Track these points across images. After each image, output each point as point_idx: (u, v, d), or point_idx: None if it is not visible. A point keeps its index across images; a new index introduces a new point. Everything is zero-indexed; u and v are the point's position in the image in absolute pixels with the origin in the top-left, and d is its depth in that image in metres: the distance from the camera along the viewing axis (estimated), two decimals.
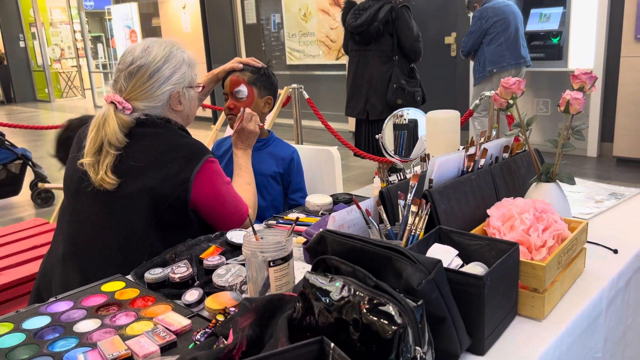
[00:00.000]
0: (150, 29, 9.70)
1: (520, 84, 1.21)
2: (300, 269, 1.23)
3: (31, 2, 11.95)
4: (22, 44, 12.54)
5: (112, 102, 1.41)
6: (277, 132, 1.96)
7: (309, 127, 5.79)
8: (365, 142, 4.26)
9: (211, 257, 1.26)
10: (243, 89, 1.77)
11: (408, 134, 2.01)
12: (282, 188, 1.93)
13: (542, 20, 5.37)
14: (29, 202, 4.75)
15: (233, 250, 1.37)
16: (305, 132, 4.32)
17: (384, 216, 1.09)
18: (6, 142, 4.40)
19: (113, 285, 1.16)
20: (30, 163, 4.56)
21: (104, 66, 11.99)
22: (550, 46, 5.23)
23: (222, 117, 4.02)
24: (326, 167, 2.15)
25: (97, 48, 12.07)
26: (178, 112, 1.50)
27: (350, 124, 6.31)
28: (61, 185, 1.54)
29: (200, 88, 1.58)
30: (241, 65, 1.79)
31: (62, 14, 12.79)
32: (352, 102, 4.23)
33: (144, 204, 1.37)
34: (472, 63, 4.85)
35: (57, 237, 1.49)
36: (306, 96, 3.90)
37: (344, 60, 6.39)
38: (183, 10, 7.87)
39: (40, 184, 4.57)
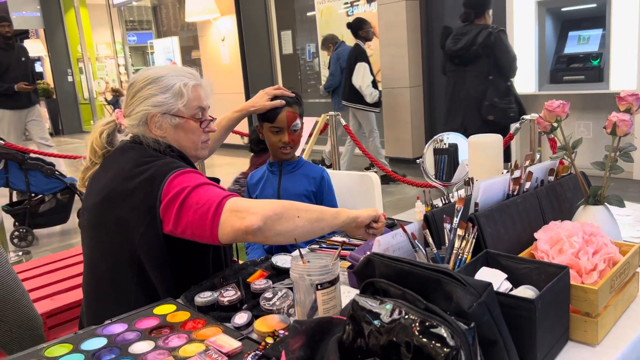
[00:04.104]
0: (190, 61, 10.03)
1: (565, 107, 1.20)
2: (345, 292, 1.24)
3: (79, 39, 12.55)
4: (70, 79, 13.15)
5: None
6: (312, 158, 2.02)
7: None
8: None
9: (258, 280, 1.28)
10: (298, 122, 1.87)
11: (449, 159, 2.01)
12: None
13: (581, 42, 5.30)
14: (75, 230, 4.92)
15: (278, 274, 1.39)
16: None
17: (430, 240, 1.09)
18: (56, 172, 4.59)
19: (165, 308, 1.20)
20: (78, 192, 4.73)
21: None
22: (590, 68, 5.14)
23: None
24: (366, 193, 2.17)
25: None
26: (163, 138, 1.39)
27: (388, 150, 6.31)
28: None
29: (196, 122, 1.42)
30: (283, 102, 1.83)
31: (107, 49, 13.37)
32: (450, 119, 4.47)
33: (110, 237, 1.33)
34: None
35: None
36: (343, 123, 3.95)
37: (380, 86, 6.44)
38: (222, 43, 8.12)
39: None
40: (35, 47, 13.34)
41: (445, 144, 2.04)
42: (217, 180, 1.33)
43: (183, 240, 1.27)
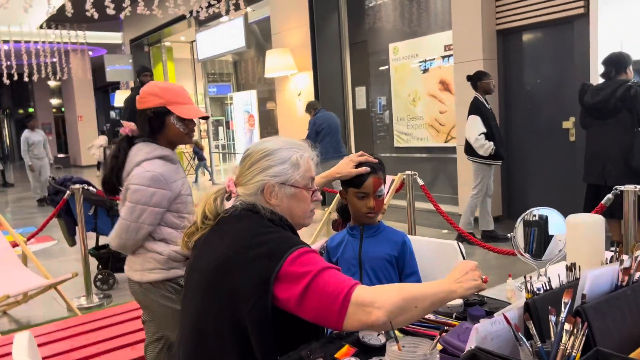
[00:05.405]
0: (265, 113, 10.42)
1: None
2: None
3: None
4: None
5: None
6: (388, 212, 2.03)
7: (417, 209, 5.74)
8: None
9: (346, 358, 1.26)
10: (383, 188, 1.91)
11: (539, 231, 1.93)
12: (397, 273, 1.96)
13: None
14: None
15: (365, 350, 1.37)
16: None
17: (534, 332, 1.04)
18: None
19: None
20: None
21: (223, 147, 12.94)
22: None
23: (336, 198, 4.15)
24: (449, 263, 2.11)
25: (217, 130, 13.12)
26: (276, 207, 1.45)
27: (460, 207, 6.17)
28: None
29: (308, 192, 1.50)
30: (369, 169, 1.88)
31: None
32: (590, 169, 4.56)
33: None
34: None
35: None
36: (421, 183, 3.91)
37: (454, 142, 6.38)
38: (298, 98, 8.40)
39: None
40: (125, 97, 14.37)
41: (535, 215, 1.97)
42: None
43: (291, 315, 1.29)
